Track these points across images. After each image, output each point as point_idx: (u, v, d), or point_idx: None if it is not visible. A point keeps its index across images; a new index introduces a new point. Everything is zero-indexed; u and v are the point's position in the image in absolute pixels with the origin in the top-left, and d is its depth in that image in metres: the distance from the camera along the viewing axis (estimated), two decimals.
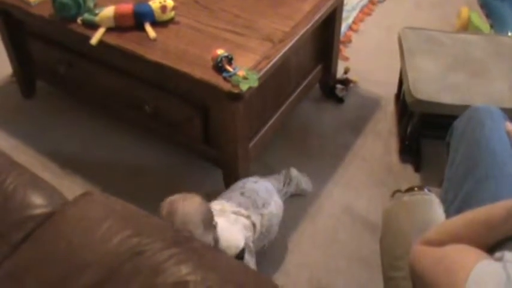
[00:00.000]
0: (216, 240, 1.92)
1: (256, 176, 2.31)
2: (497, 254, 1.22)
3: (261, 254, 2.14)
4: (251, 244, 2.04)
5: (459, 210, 1.49)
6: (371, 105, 2.98)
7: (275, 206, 2.18)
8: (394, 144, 2.75)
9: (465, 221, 1.32)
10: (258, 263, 2.07)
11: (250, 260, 2.04)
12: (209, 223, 1.89)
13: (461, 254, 1.22)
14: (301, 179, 2.49)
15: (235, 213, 2.07)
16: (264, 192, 2.17)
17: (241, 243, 1.98)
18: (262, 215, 2.11)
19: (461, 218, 1.34)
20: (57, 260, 1.57)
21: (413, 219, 1.53)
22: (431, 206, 1.56)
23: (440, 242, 1.28)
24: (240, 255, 1.98)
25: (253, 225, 2.08)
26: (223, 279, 1.48)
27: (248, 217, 2.07)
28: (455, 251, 1.24)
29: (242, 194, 2.13)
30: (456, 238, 1.27)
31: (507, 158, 1.66)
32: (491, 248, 1.25)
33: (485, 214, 1.29)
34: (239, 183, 2.20)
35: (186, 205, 1.88)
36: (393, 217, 1.58)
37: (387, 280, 1.50)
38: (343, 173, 2.61)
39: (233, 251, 1.96)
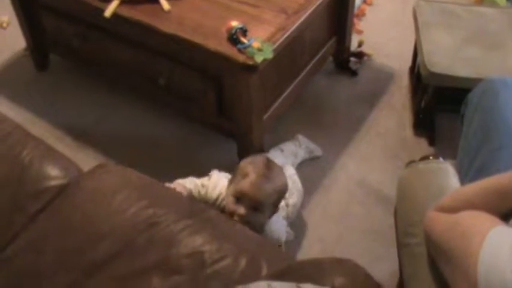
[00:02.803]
0: (264, 224, 1.95)
1: (273, 149, 2.35)
2: None
3: None
4: (285, 237, 2.07)
5: (473, 180, 1.49)
6: (385, 78, 2.96)
7: (297, 194, 2.21)
8: (408, 117, 2.73)
9: (479, 188, 1.32)
10: None
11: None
12: (278, 203, 1.93)
13: (476, 219, 1.22)
14: (307, 142, 2.53)
15: None
16: (289, 181, 2.18)
17: (283, 238, 2.02)
18: (288, 205, 2.14)
19: (475, 186, 1.34)
20: (74, 231, 1.59)
21: (428, 187, 1.53)
22: (446, 174, 1.56)
23: (454, 209, 1.28)
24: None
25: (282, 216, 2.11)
26: (238, 249, 1.50)
27: (282, 209, 2.11)
28: (470, 216, 1.24)
29: None
30: (470, 205, 1.27)
31: None
32: (505, 217, 1.25)
33: (499, 182, 1.29)
34: None
35: (280, 179, 1.91)
36: (408, 184, 1.58)
37: (402, 247, 1.51)
38: (357, 146, 2.60)
39: (273, 241, 1.99)
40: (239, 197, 1.85)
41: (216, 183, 2.02)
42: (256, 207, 1.84)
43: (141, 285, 1.44)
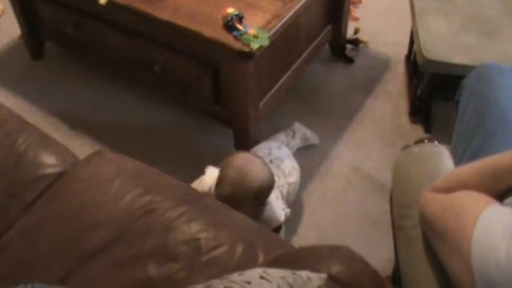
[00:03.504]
0: (261, 212, 1.94)
1: (264, 142, 2.34)
2: (506, 200, 1.22)
3: None
4: (283, 217, 2.06)
5: None
6: (381, 65, 2.96)
7: (296, 173, 2.21)
8: (404, 105, 2.73)
9: (474, 169, 1.32)
10: None
11: (283, 232, 2.08)
12: (262, 199, 1.89)
13: (470, 199, 1.22)
14: (305, 130, 2.52)
15: None
16: (288, 159, 2.20)
17: (282, 218, 2.02)
18: (289, 184, 2.14)
19: (470, 167, 1.35)
20: (70, 219, 1.59)
21: (423, 169, 1.53)
22: (441, 157, 1.56)
23: (449, 189, 1.29)
24: (277, 229, 2.02)
25: (282, 195, 2.11)
26: (234, 237, 1.50)
27: (282, 187, 2.10)
28: (464, 196, 1.24)
29: (271, 162, 2.14)
30: (465, 186, 1.27)
31: None
32: (500, 197, 1.25)
33: (493, 163, 1.29)
34: (264, 149, 2.21)
35: (256, 176, 1.84)
36: (403, 167, 1.59)
37: (397, 229, 1.51)
38: (352, 134, 2.60)
39: (273, 224, 2.00)
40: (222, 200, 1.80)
41: (209, 178, 1.99)
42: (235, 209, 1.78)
43: (137, 272, 1.44)
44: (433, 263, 1.32)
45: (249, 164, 1.87)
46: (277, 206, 2.03)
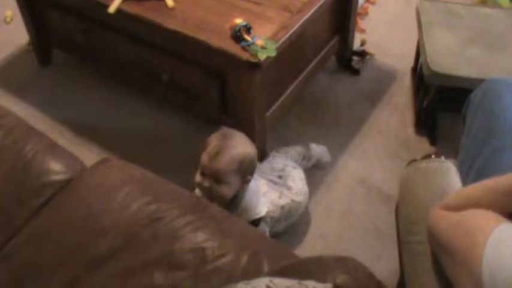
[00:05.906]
0: (240, 196, 1.99)
1: (279, 147, 2.36)
2: None
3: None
4: (268, 219, 2.07)
5: (475, 180, 1.49)
6: (387, 77, 2.97)
7: (304, 196, 2.22)
8: (409, 117, 2.74)
9: (484, 188, 1.32)
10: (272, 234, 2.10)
11: (264, 231, 2.07)
12: (245, 172, 1.93)
13: (480, 217, 1.22)
14: (321, 153, 2.49)
15: (273, 182, 2.14)
16: (299, 181, 2.22)
17: (262, 212, 2.02)
18: (292, 200, 2.15)
19: (480, 185, 1.34)
20: (76, 226, 1.59)
21: (430, 185, 1.53)
22: (448, 172, 1.56)
23: (459, 207, 1.28)
24: (255, 222, 2.01)
25: (282, 206, 2.12)
26: (240, 245, 1.50)
27: (280, 195, 2.12)
28: (474, 214, 1.24)
29: (280, 177, 2.19)
30: (476, 204, 1.26)
31: None
32: (511, 216, 1.25)
33: (505, 182, 1.29)
34: (278, 164, 2.25)
35: (242, 147, 1.92)
36: (410, 182, 1.59)
37: (403, 244, 1.51)
38: (358, 145, 2.61)
39: (250, 214, 2.01)
40: (203, 171, 1.92)
41: None
42: (218, 178, 1.89)
43: (143, 280, 1.45)
44: (439, 278, 1.32)
45: (233, 134, 1.97)
46: (260, 199, 2.05)
